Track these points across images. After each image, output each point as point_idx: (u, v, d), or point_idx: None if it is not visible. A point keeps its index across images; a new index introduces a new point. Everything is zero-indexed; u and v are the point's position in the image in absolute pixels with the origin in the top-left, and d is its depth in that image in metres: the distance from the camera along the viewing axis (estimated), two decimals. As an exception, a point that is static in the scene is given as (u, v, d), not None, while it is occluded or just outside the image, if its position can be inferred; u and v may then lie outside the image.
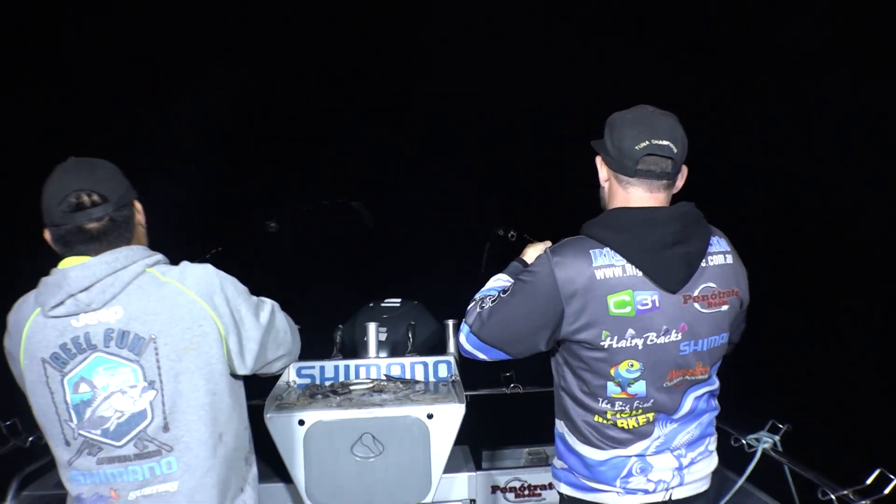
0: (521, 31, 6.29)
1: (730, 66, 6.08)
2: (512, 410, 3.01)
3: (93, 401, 1.34)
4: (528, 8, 6.25)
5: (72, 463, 1.38)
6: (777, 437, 2.19)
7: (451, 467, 2.32)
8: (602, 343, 1.47)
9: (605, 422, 1.54)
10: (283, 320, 1.58)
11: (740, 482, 2.13)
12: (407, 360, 2.51)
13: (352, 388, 2.33)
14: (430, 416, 2.07)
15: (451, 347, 2.64)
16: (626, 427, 1.54)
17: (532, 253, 1.84)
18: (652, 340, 1.47)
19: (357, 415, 2.07)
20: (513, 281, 1.59)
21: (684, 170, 1.55)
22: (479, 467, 2.79)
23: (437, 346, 2.84)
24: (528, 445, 3.12)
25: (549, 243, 1.90)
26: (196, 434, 1.38)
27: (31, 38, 5.59)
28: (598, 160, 1.59)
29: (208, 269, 1.43)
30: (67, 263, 1.36)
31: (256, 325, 1.47)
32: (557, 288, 1.46)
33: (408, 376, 2.47)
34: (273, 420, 2.05)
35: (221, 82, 5.97)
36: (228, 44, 6.12)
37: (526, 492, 2.81)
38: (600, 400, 1.52)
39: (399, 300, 3.07)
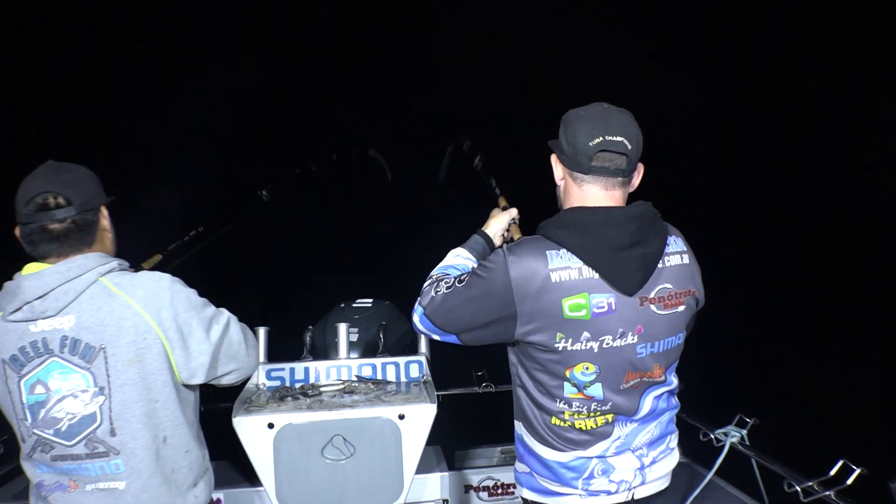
0: (523, 32, 6.32)
1: (728, 67, 6.17)
2: (484, 409, 3.02)
3: (47, 402, 1.42)
4: (529, 10, 6.28)
5: (30, 457, 1.48)
6: (745, 431, 2.22)
7: (423, 468, 2.31)
8: (556, 345, 1.44)
9: (562, 423, 1.52)
10: (238, 333, 1.60)
11: (709, 476, 2.16)
12: (378, 361, 2.49)
13: (322, 389, 2.30)
14: (401, 417, 2.06)
15: (423, 347, 2.63)
16: (584, 428, 1.51)
17: (494, 225, 1.81)
18: (608, 343, 1.44)
19: (327, 416, 2.05)
20: (469, 269, 1.57)
21: (640, 167, 1.53)
22: (451, 467, 2.79)
23: (410, 346, 2.83)
24: (500, 444, 3.13)
25: (513, 212, 1.90)
26: (141, 440, 1.46)
27: (31, 38, 5.47)
28: (554, 158, 1.56)
29: (162, 282, 1.47)
30: (26, 271, 1.44)
31: (206, 340, 1.50)
32: (511, 288, 1.43)
33: (379, 377, 2.45)
34: (241, 423, 2.01)
35: (223, 82, 5.88)
36: (229, 44, 6.07)
37: (499, 490, 2.82)
38: (557, 400, 1.50)
39: (370, 300, 3.05)
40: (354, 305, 3.01)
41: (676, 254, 1.52)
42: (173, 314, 1.45)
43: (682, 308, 1.51)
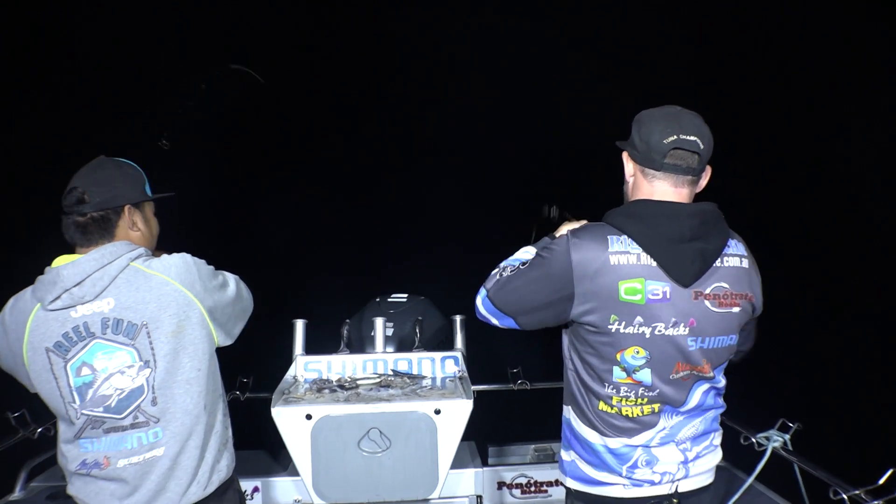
0: (525, 36, 6.28)
1: (741, 71, 6.05)
2: (519, 406, 3.01)
3: (93, 382, 1.52)
4: (531, 16, 6.24)
5: (78, 437, 1.55)
6: (787, 436, 2.17)
7: (457, 463, 2.32)
8: (609, 327, 1.49)
9: (610, 409, 1.56)
10: (244, 288, 1.78)
11: (749, 481, 2.11)
12: (414, 356, 2.50)
13: (359, 382, 2.33)
14: (437, 412, 2.06)
15: (459, 343, 2.63)
16: (630, 415, 1.55)
17: (564, 229, 1.84)
18: (660, 331, 1.48)
19: (364, 409, 2.07)
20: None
21: (708, 169, 1.57)
22: (485, 463, 2.79)
23: (444, 342, 2.83)
24: (534, 442, 3.11)
25: (585, 222, 1.91)
26: (182, 405, 1.58)
27: (31, 39, 5.61)
28: (625, 155, 1.61)
29: (186, 258, 1.61)
30: (59, 262, 1.54)
31: (230, 303, 1.68)
32: (571, 268, 1.48)
33: (415, 372, 2.46)
34: (280, 414, 2.05)
35: (215, 82, 5.97)
36: (224, 46, 6.12)
37: (532, 488, 2.81)
38: (606, 385, 1.54)
39: (406, 295, 3.06)
40: (390, 300, 3.02)
41: (736, 256, 1.55)
42: (203, 286, 1.59)
43: (736, 309, 1.53)
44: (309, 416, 2.05)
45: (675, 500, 1.58)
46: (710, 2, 5.98)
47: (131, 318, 1.51)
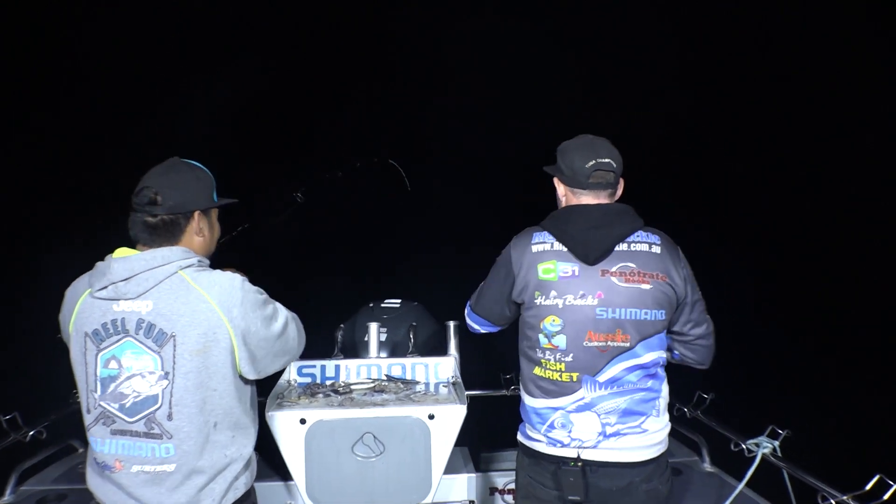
0: (525, 36, 6.31)
1: (728, 73, 6.10)
2: (511, 412, 3.01)
3: (118, 377, 1.53)
4: (531, 16, 6.27)
5: (89, 429, 1.57)
6: (777, 443, 2.20)
7: (450, 468, 2.32)
8: (535, 301, 1.85)
9: (541, 373, 1.87)
10: (293, 330, 1.75)
11: (739, 487, 2.14)
12: (408, 361, 2.51)
13: (353, 387, 2.33)
14: (431, 417, 2.07)
15: (453, 348, 2.64)
16: (554, 379, 1.84)
17: None
18: (570, 301, 1.81)
19: (358, 414, 2.07)
20: None
21: (622, 182, 1.92)
22: (478, 469, 2.79)
23: (437, 348, 2.84)
24: None
25: None
26: (195, 425, 1.56)
27: (31, 40, 5.59)
28: (556, 180, 1.96)
29: (234, 281, 1.59)
30: (117, 254, 1.57)
31: (267, 337, 1.63)
32: (511, 261, 1.89)
33: (408, 377, 2.47)
34: (274, 418, 2.05)
35: (226, 80, 5.97)
36: (235, 41, 6.11)
37: (524, 494, 2.81)
38: (537, 350, 1.87)
39: (399, 301, 3.07)
40: (383, 305, 3.03)
41: (645, 243, 1.85)
42: (243, 313, 1.56)
43: (646, 286, 1.81)
44: (303, 421, 2.05)
45: (579, 464, 1.82)
46: (710, 2, 6.05)
47: (163, 326, 1.52)
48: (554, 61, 6.26)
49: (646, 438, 1.85)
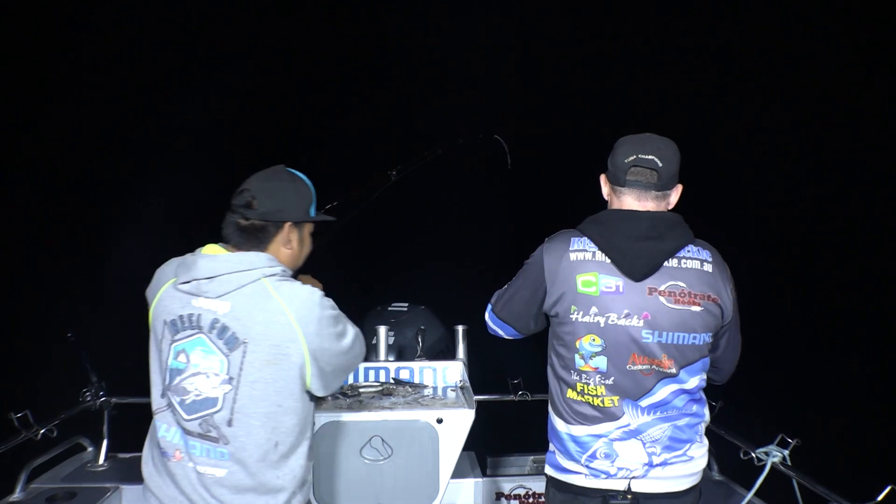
0: (525, 36, 6.32)
1: (730, 73, 6.08)
2: (518, 418, 3.01)
3: (184, 371, 1.52)
4: (531, 16, 6.28)
5: (157, 413, 1.56)
6: (786, 452, 2.17)
7: (457, 473, 2.32)
8: (571, 317, 1.66)
9: (576, 396, 1.69)
10: (360, 347, 1.69)
11: (749, 496, 2.12)
12: (416, 365, 2.51)
13: (361, 390, 2.34)
14: (439, 421, 2.08)
15: (461, 352, 2.64)
16: (593, 404, 1.67)
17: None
18: (612, 321, 1.63)
19: (367, 417, 2.08)
20: None
21: (679, 187, 1.71)
22: (484, 474, 2.79)
23: (443, 351, 2.84)
24: (533, 453, 3.11)
25: None
26: (254, 437, 1.51)
27: (28, 36, 5.64)
28: (602, 178, 1.78)
29: (314, 296, 1.55)
30: (206, 251, 1.57)
31: (338, 354, 1.59)
32: (543, 267, 1.70)
33: (416, 380, 2.47)
34: (283, 420, 2.05)
35: (223, 81, 5.99)
36: (229, 44, 6.14)
37: (530, 499, 2.81)
38: (572, 372, 1.69)
39: (406, 304, 3.07)
40: (390, 309, 3.04)
41: (696, 260, 1.68)
42: (318, 329, 1.53)
43: (696, 308, 1.64)
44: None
45: (628, 496, 1.66)
46: (710, 2, 6.04)
47: (237, 331, 1.49)
48: (554, 60, 6.26)
49: (691, 466, 1.73)
